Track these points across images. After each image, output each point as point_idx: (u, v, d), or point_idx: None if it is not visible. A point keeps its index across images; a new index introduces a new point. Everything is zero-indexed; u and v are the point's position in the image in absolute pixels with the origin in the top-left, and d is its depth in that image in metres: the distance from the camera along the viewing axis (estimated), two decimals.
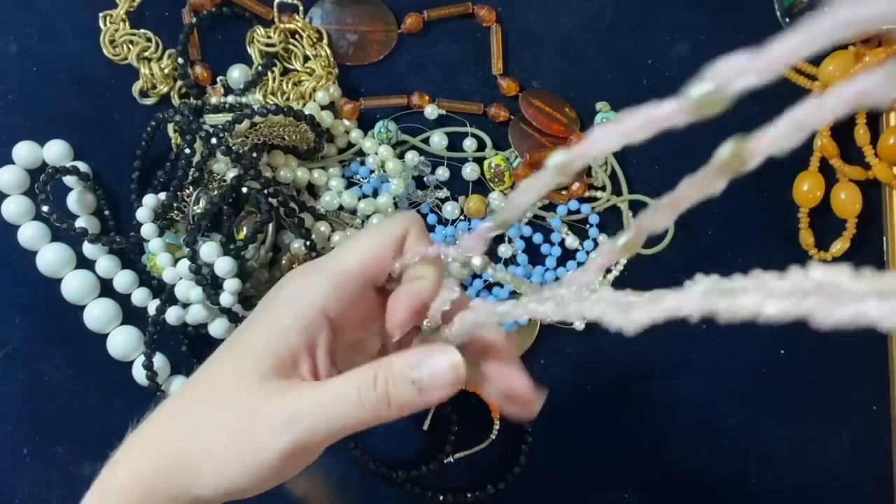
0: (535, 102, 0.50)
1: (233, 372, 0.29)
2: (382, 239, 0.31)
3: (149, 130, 0.47)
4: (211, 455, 0.28)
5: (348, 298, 0.30)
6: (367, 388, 0.27)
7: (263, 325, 0.30)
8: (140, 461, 0.29)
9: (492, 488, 0.48)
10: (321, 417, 0.27)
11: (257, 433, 0.27)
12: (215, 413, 0.29)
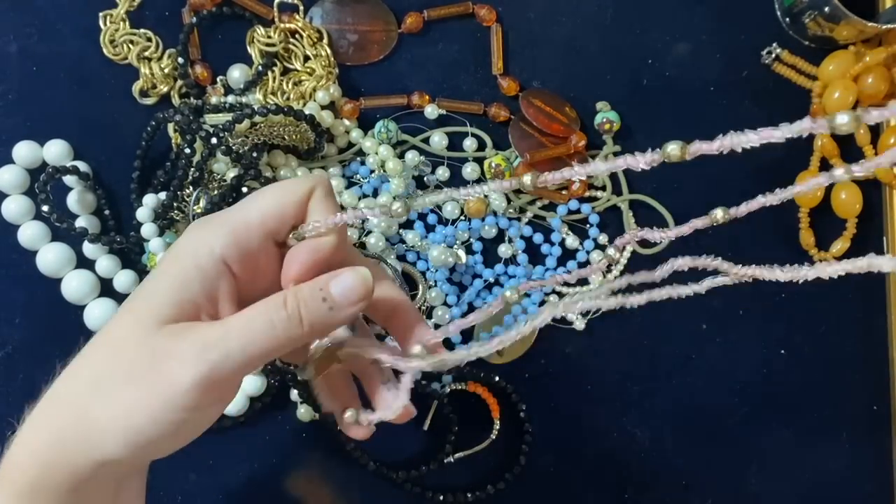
0: (536, 102, 0.50)
1: (132, 323, 0.28)
2: (285, 194, 0.30)
3: (149, 130, 0.47)
4: (114, 407, 0.27)
5: (247, 249, 0.30)
6: (278, 308, 0.28)
7: (162, 276, 0.29)
8: (36, 435, 0.28)
9: (492, 488, 0.48)
10: (233, 344, 0.27)
11: (165, 370, 0.27)
12: (115, 365, 0.28)
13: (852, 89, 0.48)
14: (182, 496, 0.48)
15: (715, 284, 0.32)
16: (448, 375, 0.48)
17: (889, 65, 0.49)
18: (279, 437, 0.48)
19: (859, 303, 0.51)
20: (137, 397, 0.27)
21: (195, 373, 0.26)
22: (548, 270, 0.50)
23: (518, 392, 0.49)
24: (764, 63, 0.51)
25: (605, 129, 0.50)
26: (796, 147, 0.51)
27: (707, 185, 0.51)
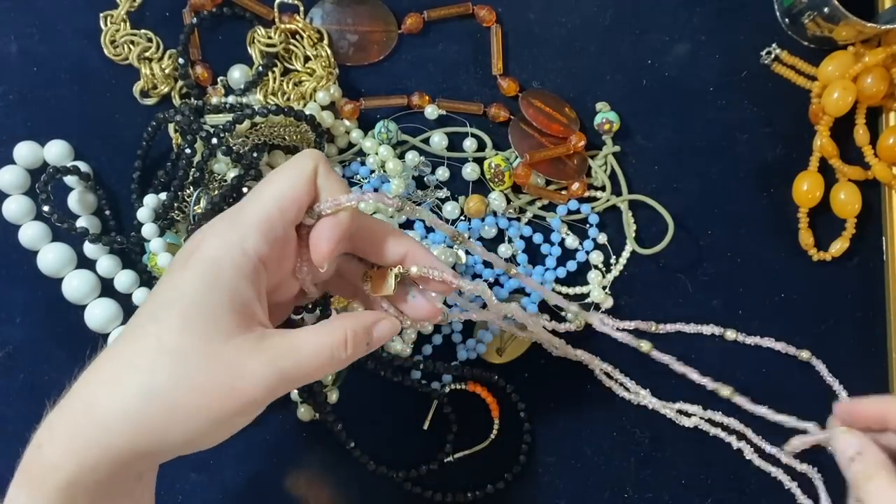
0: (535, 102, 0.50)
1: (192, 336, 0.29)
2: (295, 178, 0.32)
3: (149, 130, 0.47)
4: (175, 418, 0.29)
5: (275, 242, 0.31)
6: (340, 350, 0.32)
7: (208, 284, 0.30)
8: (80, 442, 0.28)
9: (492, 488, 0.48)
10: (299, 373, 0.31)
11: (238, 386, 0.29)
12: (178, 377, 0.29)
13: (852, 90, 0.48)
14: (182, 496, 0.48)
15: None
16: (448, 375, 0.48)
17: (888, 65, 0.49)
18: (279, 437, 0.48)
19: (859, 303, 0.51)
20: (203, 409, 0.29)
21: (266, 392, 0.30)
22: (547, 270, 0.50)
23: (518, 392, 0.49)
24: (763, 63, 0.51)
25: (604, 129, 0.50)
26: (796, 147, 0.51)
27: (707, 186, 0.51)
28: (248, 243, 0.30)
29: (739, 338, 0.49)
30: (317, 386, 0.46)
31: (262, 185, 0.32)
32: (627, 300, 0.50)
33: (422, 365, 0.48)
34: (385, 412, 0.49)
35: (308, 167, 0.32)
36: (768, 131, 0.51)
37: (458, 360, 0.49)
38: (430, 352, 0.49)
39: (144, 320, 0.30)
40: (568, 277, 0.50)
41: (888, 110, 0.51)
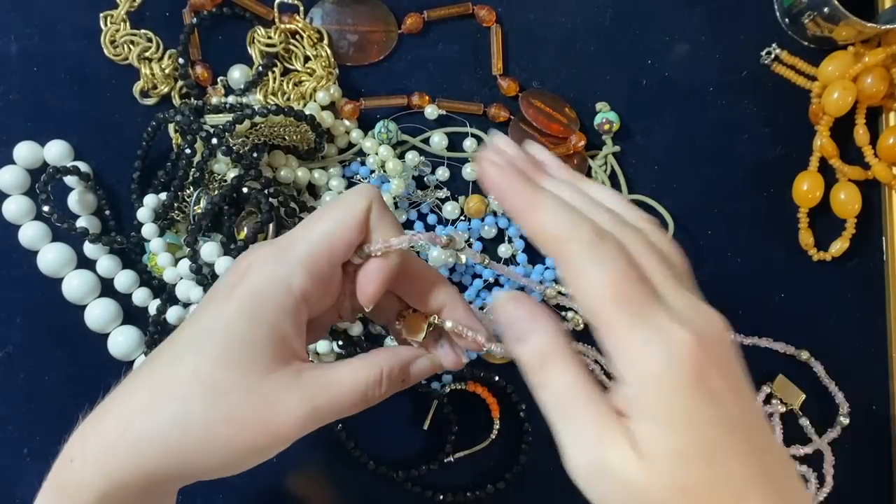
0: (535, 103, 0.50)
1: (232, 369, 0.29)
2: (346, 218, 0.31)
3: (149, 130, 0.47)
4: (208, 447, 0.29)
5: (321, 279, 0.31)
6: (374, 388, 0.32)
7: (251, 319, 0.30)
8: (114, 462, 0.29)
9: (492, 488, 0.48)
10: (332, 409, 0.31)
11: (274, 421, 0.29)
12: (215, 407, 0.29)
13: (852, 90, 0.48)
14: (182, 496, 0.48)
15: None
16: (448, 375, 0.48)
17: (888, 65, 0.49)
18: None
19: (859, 303, 0.51)
20: (236, 441, 0.29)
21: (300, 427, 0.30)
22: (547, 269, 0.50)
23: (518, 392, 0.49)
24: (763, 63, 0.51)
25: (604, 129, 0.50)
26: (796, 147, 0.51)
27: (706, 186, 0.51)
28: (295, 281, 0.30)
29: (738, 338, 0.49)
30: None
31: (314, 218, 0.32)
32: None
33: None
34: (385, 412, 0.49)
35: (361, 206, 0.32)
36: (768, 131, 0.51)
37: None
38: None
39: (184, 348, 0.30)
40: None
41: (888, 110, 0.51)
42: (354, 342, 0.47)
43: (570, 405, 0.27)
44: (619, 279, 0.26)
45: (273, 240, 0.33)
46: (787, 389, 0.50)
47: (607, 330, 0.26)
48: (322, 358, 0.47)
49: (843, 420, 0.49)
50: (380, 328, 0.48)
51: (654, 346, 0.25)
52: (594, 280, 0.26)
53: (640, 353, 0.25)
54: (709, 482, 0.25)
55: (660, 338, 0.25)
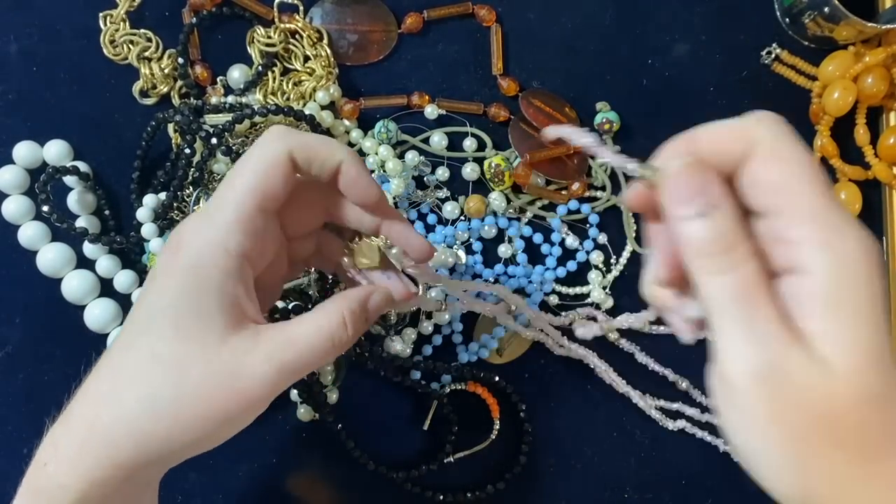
0: (535, 102, 0.50)
1: (188, 342, 0.29)
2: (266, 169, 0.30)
3: (149, 130, 0.47)
4: (181, 426, 0.29)
5: (256, 236, 0.31)
6: (340, 332, 0.31)
7: (195, 289, 0.29)
8: (88, 459, 0.29)
9: (492, 488, 0.48)
10: (301, 363, 0.30)
11: (240, 387, 0.29)
12: (179, 384, 0.29)
13: (852, 89, 0.48)
14: (182, 496, 0.48)
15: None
16: (447, 375, 0.48)
17: (889, 65, 0.49)
18: (279, 437, 0.48)
19: None
20: (207, 414, 0.29)
21: (269, 387, 0.30)
22: (547, 270, 0.50)
23: (518, 392, 0.49)
24: (764, 63, 0.51)
25: (604, 129, 0.50)
26: None
27: None
28: (231, 242, 0.30)
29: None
30: (317, 386, 0.46)
31: (234, 174, 0.31)
32: (627, 300, 0.50)
33: (422, 365, 0.48)
34: (385, 412, 0.49)
35: (278, 152, 0.30)
36: None
37: (458, 362, 0.49)
38: (431, 352, 0.49)
39: (136, 332, 0.30)
40: (568, 277, 0.50)
41: (888, 110, 0.51)
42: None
43: (749, 298, 0.23)
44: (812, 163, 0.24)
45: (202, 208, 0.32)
46: None
47: (793, 205, 0.23)
48: None
49: None
50: (379, 328, 0.48)
51: (845, 234, 0.23)
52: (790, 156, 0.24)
53: (834, 235, 0.23)
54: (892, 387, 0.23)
55: (849, 228, 0.23)
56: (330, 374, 0.48)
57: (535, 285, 0.49)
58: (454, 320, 0.49)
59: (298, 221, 0.34)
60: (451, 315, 0.49)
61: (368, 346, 0.47)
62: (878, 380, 0.23)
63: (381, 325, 0.48)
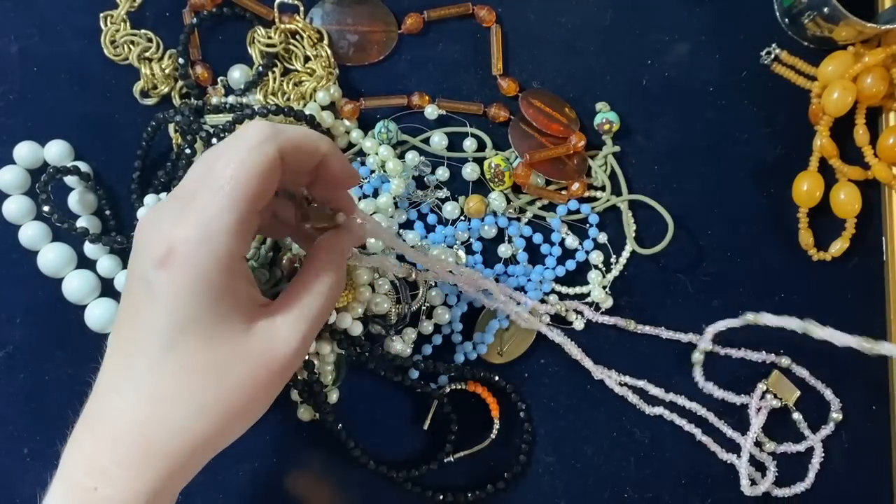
0: (535, 102, 0.50)
1: (215, 346, 0.30)
2: (259, 173, 0.30)
3: (149, 130, 0.47)
4: (230, 417, 0.32)
5: (248, 232, 0.31)
6: (341, 282, 0.35)
7: (206, 299, 0.30)
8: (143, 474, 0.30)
9: (492, 488, 0.48)
10: (320, 317, 0.34)
11: (277, 368, 0.32)
12: (224, 384, 0.31)
13: (851, 90, 0.48)
14: (182, 496, 0.48)
15: None
16: (447, 375, 0.48)
17: (888, 65, 0.49)
18: (279, 437, 0.48)
19: (859, 303, 0.51)
20: (254, 398, 0.32)
21: (300, 355, 0.33)
22: (547, 269, 0.50)
23: (518, 392, 0.49)
24: (763, 63, 0.51)
25: (604, 129, 0.50)
26: (796, 147, 0.51)
27: (707, 186, 0.51)
28: (234, 250, 0.30)
29: (716, 349, 0.49)
30: (317, 386, 0.46)
31: (226, 178, 0.29)
32: (627, 300, 0.50)
33: (421, 365, 0.48)
34: (385, 412, 0.49)
35: (273, 159, 0.30)
36: (768, 131, 0.51)
37: (457, 363, 0.49)
38: (430, 352, 0.49)
39: (156, 350, 0.30)
40: (568, 277, 0.50)
41: (888, 110, 0.51)
42: (354, 342, 0.47)
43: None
44: None
45: (183, 210, 0.30)
46: (782, 385, 0.50)
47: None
48: (322, 358, 0.47)
49: (836, 416, 0.49)
50: (379, 328, 0.48)
51: None
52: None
53: None
54: None
55: None
56: (330, 374, 0.48)
57: (535, 285, 0.49)
58: (454, 320, 0.49)
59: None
60: (451, 315, 0.49)
61: (368, 346, 0.47)
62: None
63: (381, 325, 0.48)
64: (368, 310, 0.48)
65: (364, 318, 0.47)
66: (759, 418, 0.49)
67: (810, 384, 0.50)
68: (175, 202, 0.30)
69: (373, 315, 0.48)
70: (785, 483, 0.49)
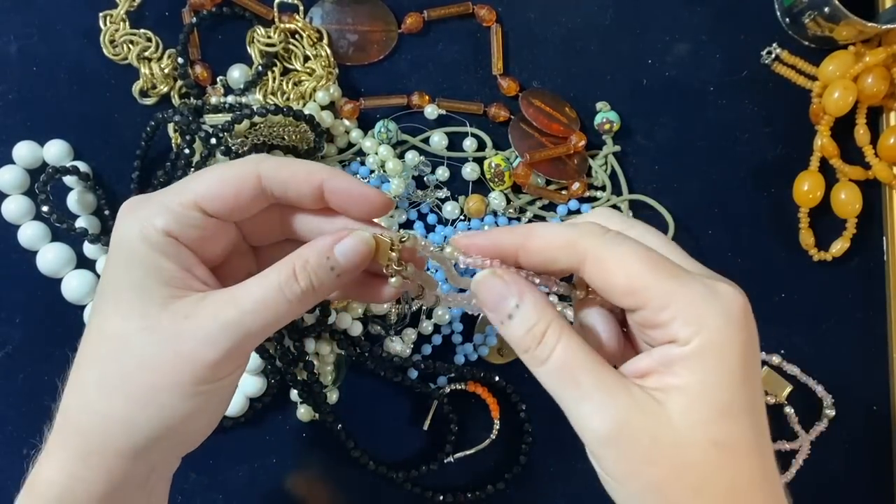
0: (536, 102, 0.50)
1: (127, 315, 0.28)
2: (228, 177, 0.30)
3: (148, 130, 0.47)
4: (136, 398, 0.28)
5: (192, 227, 0.30)
6: (290, 283, 0.29)
7: (127, 263, 0.29)
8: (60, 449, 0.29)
9: (492, 488, 0.48)
10: (251, 321, 0.28)
11: (186, 351, 0.28)
12: (128, 358, 0.28)
13: (852, 89, 0.48)
14: (182, 496, 0.48)
15: None
16: (444, 376, 0.48)
17: (889, 65, 0.49)
18: (279, 437, 0.48)
19: (859, 302, 0.51)
20: (157, 384, 0.28)
21: (215, 349, 0.28)
22: None
23: (518, 392, 0.49)
24: (764, 63, 0.51)
25: (605, 129, 0.50)
26: (796, 147, 0.51)
27: (707, 186, 0.51)
28: (158, 220, 0.29)
29: None
30: (316, 386, 0.46)
31: (196, 175, 0.31)
32: None
33: (422, 365, 0.48)
34: (385, 412, 0.49)
35: (244, 173, 0.30)
36: (768, 131, 0.51)
37: (457, 363, 0.49)
38: (430, 352, 0.49)
39: (90, 317, 0.30)
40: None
41: (889, 110, 0.51)
42: (354, 342, 0.47)
43: (578, 375, 0.26)
44: (643, 250, 0.26)
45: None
46: (772, 381, 0.50)
47: (650, 299, 0.25)
48: (322, 358, 0.47)
49: (829, 412, 0.49)
50: (379, 328, 0.48)
51: (709, 301, 0.25)
52: (621, 260, 0.26)
53: (694, 309, 0.25)
54: (746, 437, 0.25)
55: (712, 293, 0.25)
56: (330, 374, 0.48)
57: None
58: (454, 320, 0.49)
59: (256, 235, 0.34)
60: (451, 315, 0.49)
61: (368, 346, 0.47)
62: (724, 430, 0.24)
63: (380, 326, 0.48)
64: (368, 310, 0.48)
65: (364, 318, 0.48)
66: None
67: (801, 381, 0.50)
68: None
69: (372, 315, 0.48)
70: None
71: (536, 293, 0.27)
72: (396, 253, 0.31)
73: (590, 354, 0.26)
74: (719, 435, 0.24)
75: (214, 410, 0.31)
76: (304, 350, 0.45)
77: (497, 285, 0.28)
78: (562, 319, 0.27)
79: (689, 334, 0.25)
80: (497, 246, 0.28)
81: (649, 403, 0.25)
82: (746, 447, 0.25)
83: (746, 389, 0.25)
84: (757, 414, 0.25)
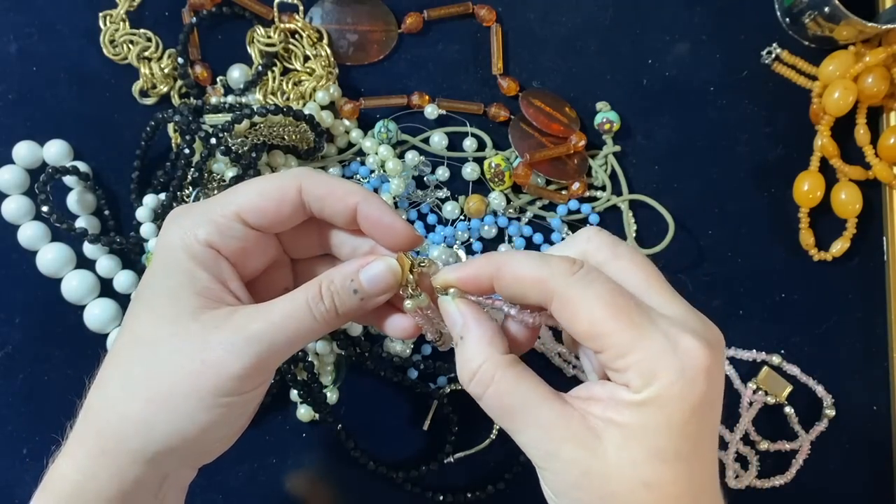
0: (536, 102, 0.50)
1: (158, 320, 0.29)
2: (269, 190, 0.31)
3: (148, 130, 0.47)
4: (157, 402, 0.28)
5: (231, 237, 0.30)
6: (317, 302, 0.30)
7: (165, 270, 0.30)
8: (79, 445, 0.29)
9: (492, 488, 0.48)
10: (278, 335, 0.29)
11: (212, 360, 0.28)
12: (154, 362, 0.29)
13: (852, 89, 0.48)
14: None
15: None
16: (444, 376, 0.48)
17: (889, 65, 0.49)
18: (279, 437, 0.48)
19: (859, 303, 0.51)
20: (178, 390, 0.28)
21: (240, 361, 0.28)
22: None
23: None
24: (764, 63, 0.51)
25: (604, 129, 0.50)
26: (796, 147, 0.51)
27: (707, 186, 0.51)
28: (200, 231, 0.30)
29: None
30: (317, 386, 0.46)
31: (240, 186, 0.32)
32: None
33: (422, 365, 0.48)
34: (385, 412, 0.49)
35: (286, 183, 0.31)
36: (768, 131, 0.51)
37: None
38: (430, 351, 0.49)
39: (126, 317, 0.31)
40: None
41: (889, 110, 0.51)
42: (354, 342, 0.47)
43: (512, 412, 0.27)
44: (609, 296, 0.26)
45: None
46: (772, 382, 0.50)
47: (609, 346, 0.26)
48: (322, 358, 0.47)
49: (829, 412, 0.49)
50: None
51: (666, 357, 0.25)
52: (585, 304, 0.26)
53: (648, 364, 0.25)
54: (678, 483, 0.25)
55: (671, 348, 0.25)
56: (330, 374, 0.48)
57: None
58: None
59: (295, 247, 0.34)
60: None
61: (368, 346, 0.47)
62: (656, 472, 0.25)
63: None
64: None
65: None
66: (748, 414, 0.49)
67: (801, 381, 0.50)
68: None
69: None
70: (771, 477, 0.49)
71: (483, 328, 0.28)
72: (414, 276, 0.31)
73: (529, 390, 0.27)
74: (650, 476, 0.25)
75: (232, 425, 0.31)
76: (304, 350, 0.45)
77: (451, 312, 0.29)
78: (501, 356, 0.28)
79: (640, 385, 0.25)
80: (475, 277, 0.29)
81: (586, 437, 0.26)
82: (676, 493, 0.25)
83: (689, 440, 0.25)
84: (699, 463, 0.26)
